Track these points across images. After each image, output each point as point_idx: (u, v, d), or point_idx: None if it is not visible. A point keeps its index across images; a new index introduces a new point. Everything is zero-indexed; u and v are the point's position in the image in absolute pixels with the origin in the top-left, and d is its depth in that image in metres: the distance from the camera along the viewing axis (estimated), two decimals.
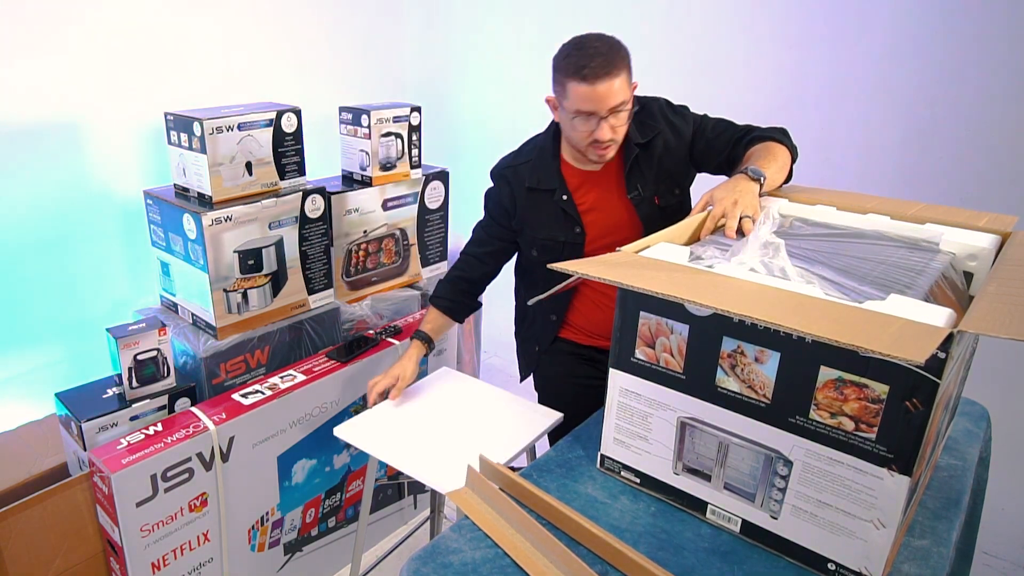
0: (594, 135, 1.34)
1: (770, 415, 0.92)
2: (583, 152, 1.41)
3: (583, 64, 1.29)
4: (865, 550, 0.89)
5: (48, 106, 1.77)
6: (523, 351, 1.74)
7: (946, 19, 1.84)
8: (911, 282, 0.99)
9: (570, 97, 1.33)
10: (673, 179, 1.49)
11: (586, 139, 1.37)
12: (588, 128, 1.35)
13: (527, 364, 1.72)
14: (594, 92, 1.29)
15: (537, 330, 1.66)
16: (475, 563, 0.95)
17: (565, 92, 1.34)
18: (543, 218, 1.50)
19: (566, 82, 1.33)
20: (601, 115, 1.32)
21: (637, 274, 0.94)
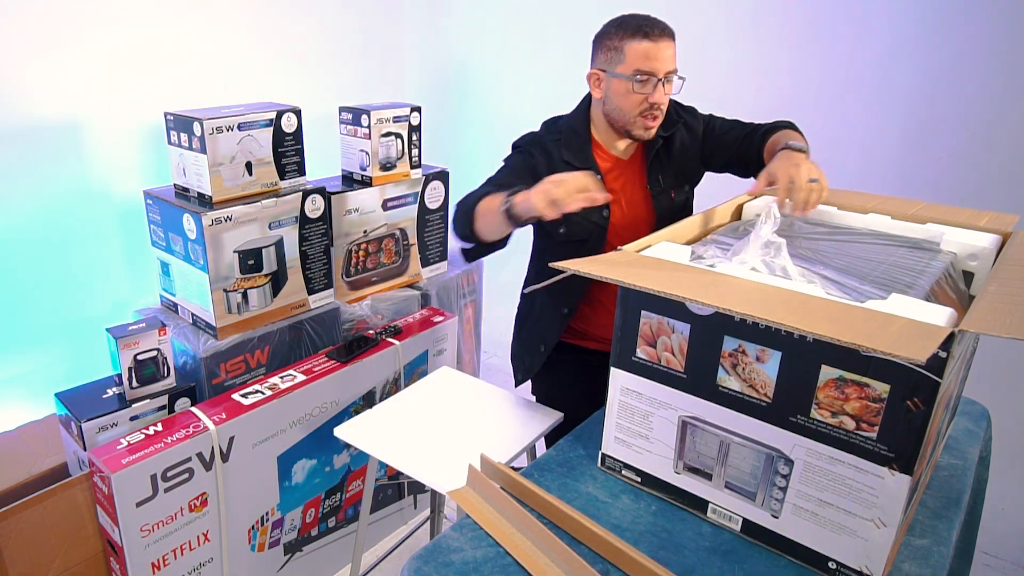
0: (650, 99, 1.36)
1: (771, 414, 0.92)
2: (630, 125, 1.41)
3: (643, 24, 1.34)
4: (866, 549, 0.89)
5: (48, 106, 1.77)
6: (525, 350, 1.67)
7: (946, 19, 1.84)
8: (912, 282, 0.99)
9: (628, 58, 1.35)
10: (686, 176, 1.54)
11: (639, 105, 1.37)
12: (645, 92, 1.36)
13: (529, 365, 1.65)
14: (657, 48, 1.33)
15: (544, 326, 1.60)
16: (476, 562, 0.95)
17: (622, 55, 1.35)
18: None
19: (624, 44, 1.35)
20: (658, 76, 1.35)
21: (638, 273, 0.94)
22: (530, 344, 1.64)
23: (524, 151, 1.49)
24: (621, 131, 1.45)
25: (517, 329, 1.71)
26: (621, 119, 1.42)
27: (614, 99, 1.41)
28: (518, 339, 1.70)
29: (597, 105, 1.47)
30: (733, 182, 1.64)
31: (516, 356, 1.70)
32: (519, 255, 1.81)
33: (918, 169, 1.96)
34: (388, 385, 1.91)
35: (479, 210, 1.30)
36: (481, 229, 1.31)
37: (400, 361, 1.92)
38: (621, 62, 1.36)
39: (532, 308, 1.65)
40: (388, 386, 1.91)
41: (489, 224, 1.29)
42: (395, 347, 1.89)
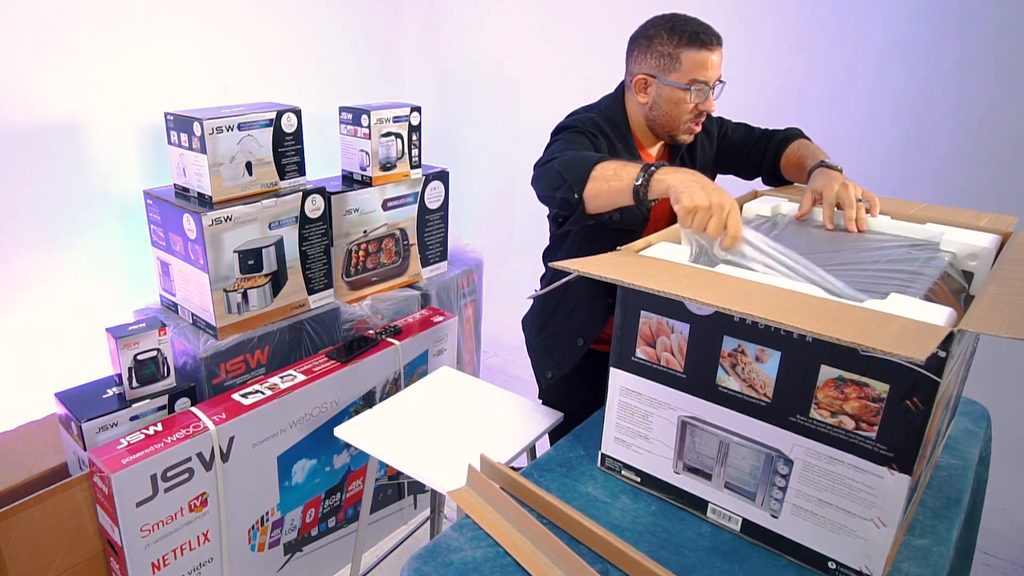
0: (701, 106, 1.35)
1: (771, 414, 0.92)
2: (676, 130, 1.39)
3: (699, 31, 1.31)
4: (865, 549, 0.89)
5: (48, 106, 1.77)
6: (558, 346, 1.54)
7: (946, 19, 1.84)
8: (911, 281, 0.99)
9: (685, 66, 1.32)
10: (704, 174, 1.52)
11: (690, 113, 1.36)
12: (700, 99, 1.34)
13: (561, 360, 1.53)
14: (714, 59, 1.31)
15: (583, 318, 1.49)
16: (476, 562, 0.95)
17: (677, 63, 1.32)
18: None
19: (679, 51, 1.31)
20: (711, 85, 1.33)
21: (638, 273, 0.94)
22: (564, 338, 1.52)
23: (585, 132, 1.37)
24: (665, 136, 1.43)
25: (541, 325, 1.60)
26: (670, 125, 1.39)
27: (664, 106, 1.37)
28: (545, 335, 1.58)
29: (639, 108, 1.42)
30: (733, 183, 1.65)
31: (545, 353, 1.57)
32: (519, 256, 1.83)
33: (918, 169, 1.96)
34: (388, 385, 1.91)
35: (597, 173, 1.16)
36: (595, 195, 1.17)
37: (400, 361, 1.92)
38: (676, 70, 1.32)
39: (563, 301, 1.53)
40: (388, 386, 1.91)
41: (608, 191, 1.15)
42: (395, 347, 1.89)
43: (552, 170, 1.21)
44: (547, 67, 2.62)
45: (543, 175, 1.25)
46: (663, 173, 1.09)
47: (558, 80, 2.54)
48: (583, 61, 2.45)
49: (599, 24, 2.37)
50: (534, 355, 1.63)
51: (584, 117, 1.42)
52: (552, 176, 1.21)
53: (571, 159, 1.20)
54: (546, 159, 1.28)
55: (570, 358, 1.52)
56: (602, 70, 1.63)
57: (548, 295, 1.58)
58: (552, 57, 2.58)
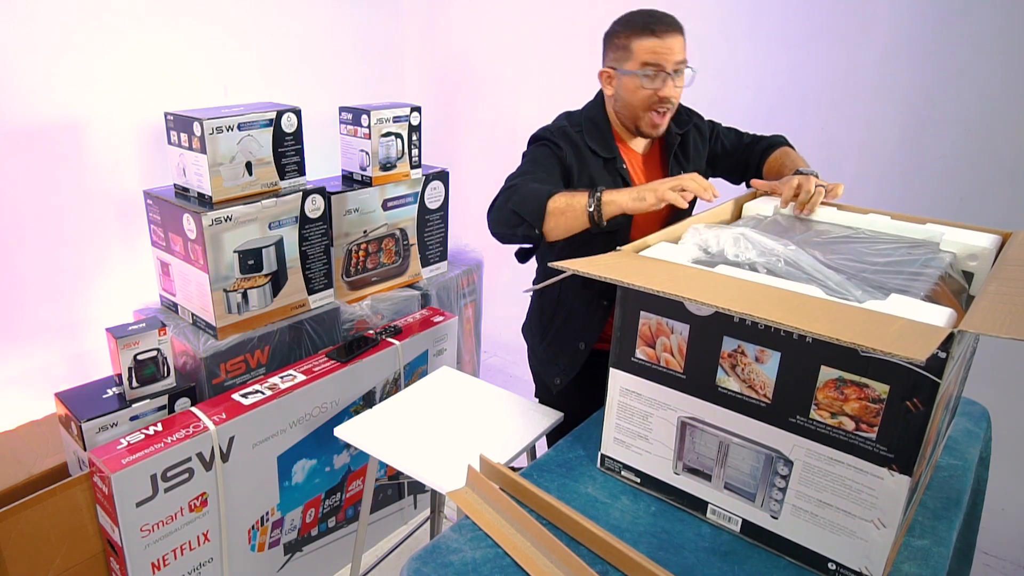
0: (659, 93, 1.37)
1: (770, 415, 0.92)
2: (639, 121, 1.42)
3: (649, 20, 1.36)
4: (865, 550, 0.89)
5: (48, 106, 1.77)
6: (561, 353, 1.55)
7: (946, 19, 1.84)
8: (911, 282, 0.99)
9: (636, 54, 1.36)
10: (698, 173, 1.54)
11: (649, 100, 1.38)
12: (654, 86, 1.37)
13: (567, 367, 1.53)
14: (663, 44, 1.34)
15: (581, 323, 1.51)
16: (475, 563, 0.95)
17: (630, 51, 1.37)
18: (604, 184, 1.43)
19: (631, 41, 1.36)
20: (667, 70, 1.35)
21: (637, 273, 0.94)
22: (566, 345, 1.54)
23: (549, 142, 1.44)
24: (631, 127, 1.45)
25: (541, 334, 1.61)
26: (630, 114, 1.42)
27: (624, 95, 1.41)
28: (546, 343, 1.59)
29: (610, 102, 1.48)
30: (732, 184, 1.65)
31: (550, 361, 1.58)
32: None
33: (918, 169, 1.96)
34: (388, 385, 1.91)
35: (552, 208, 1.23)
36: (553, 228, 1.25)
37: (400, 361, 1.92)
38: (629, 59, 1.37)
39: (559, 309, 1.56)
40: (388, 386, 1.91)
41: (565, 222, 1.23)
42: (395, 347, 1.89)
43: (508, 211, 1.28)
44: (547, 67, 2.62)
45: (499, 219, 1.32)
46: (609, 195, 1.19)
47: (558, 80, 2.53)
48: (583, 61, 2.45)
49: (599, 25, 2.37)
50: (538, 364, 1.64)
51: (555, 126, 1.48)
52: (508, 216, 1.29)
53: (522, 198, 1.27)
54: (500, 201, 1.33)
55: (575, 363, 1.53)
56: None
57: (544, 303, 1.62)
58: (552, 57, 2.58)
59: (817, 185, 1.30)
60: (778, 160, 1.51)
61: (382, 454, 1.35)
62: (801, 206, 1.30)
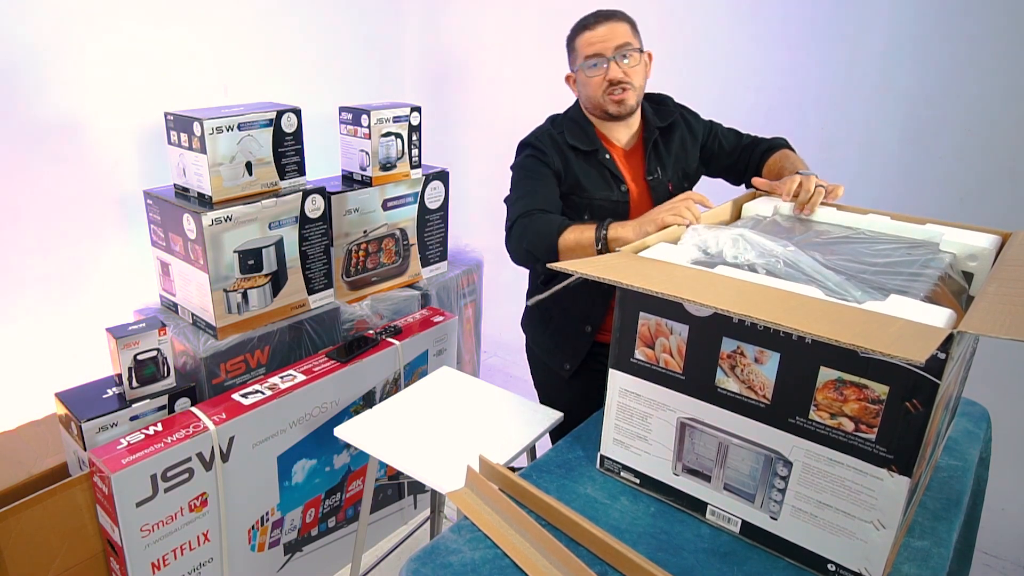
0: (607, 76, 1.43)
1: (770, 416, 0.92)
2: (604, 107, 1.47)
3: (586, 17, 1.47)
4: (865, 551, 0.89)
5: (48, 106, 1.77)
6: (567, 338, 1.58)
7: (946, 19, 1.84)
8: (911, 282, 0.99)
9: (579, 51, 1.46)
10: (685, 172, 1.58)
11: (600, 87, 1.45)
12: (599, 73, 1.44)
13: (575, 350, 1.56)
14: (595, 34, 1.43)
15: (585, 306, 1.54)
16: (475, 563, 0.95)
17: (575, 51, 1.48)
18: (591, 179, 1.50)
19: (574, 41, 1.48)
20: (607, 55, 1.42)
21: (637, 274, 0.94)
22: (571, 329, 1.56)
23: (534, 148, 1.51)
24: (601, 116, 1.51)
25: (543, 324, 1.64)
26: (593, 104, 1.49)
27: (583, 90, 1.50)
28: (550, 332, 1.62)
29: (581, 102, 1.55)
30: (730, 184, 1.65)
31: (557, 348, 1.61)
32: None
33: (918, 169, 1.96)
34: (388, 385, 1.91)
35: (563, 247, 1.32)
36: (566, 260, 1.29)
37: (400, 361, 1.92)
38: (577, 57, 1.48)
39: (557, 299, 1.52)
40: (388, 386, 1.91)
41: (576, 256, 1.29)
42: (395, 347, 1.89)
43: (523, 250, 1.40)
44: (547, 67, 2.61)
45: (517, 257, 1.44)
46: (614, 231, 1.24)
47: (558, 80, 2.53)
48: None
49: None
50: (544, 352, 1.66)
51: (540, 131, 1.55)
52: (525, 255, 1.41)
53: (534, 237, 1.36)
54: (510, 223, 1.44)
55: (581, 347, 1.57)
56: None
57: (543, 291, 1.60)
58: (552, 57, 2.58)
59: (817, 185, 1.31)
60: (777, 162, 1.52)
61: (382, 454, 1.35)
62: (801, 206, 1.31)
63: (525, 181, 1.49)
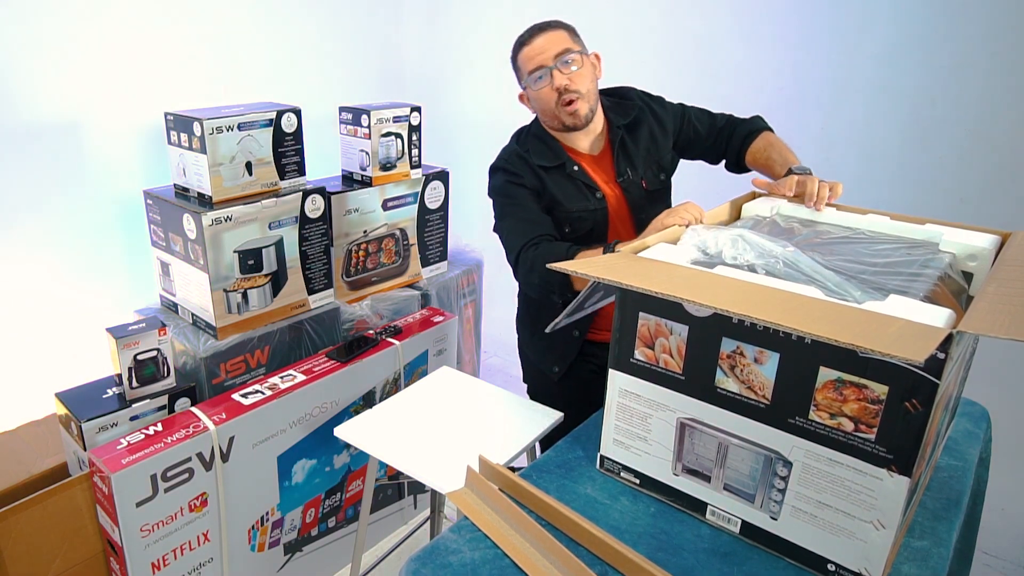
0: (553, 86, 1.42)
1: (769, 416, 0.92)
2: (560, 119, 1.46)
3: (522, 35, 1.47)
4: (865, 551, 0.89)
5: (48, 106, 1.77)
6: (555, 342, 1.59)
7: (946, 19, 1.84)
8: (911, 282, 0.99)
9: (522, 68, 1.47)
10: (659, 164, 1.56)
11: (551, 98, 1.45)
12: (545, 85, 1.43)
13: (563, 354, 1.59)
14: (533, 48, 1.44)
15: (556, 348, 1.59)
16: (474, 564, 0.95)
17: (519, 68, 1.48)
18: (566, 193, 1.49)
19: (516, 60, 1.48)
20: (549, 66, 1.42)
21: (636, 274, 0.94)
22: (559, 335, 1.56)
23: (507, 172, 1.51)
24: (558, 128, 1.50)
25: (532, 327, 1.65)
26: (549, 116, 1.48)
27: (536, 105, 1.50)
28: (539, 335, 1.62)
29: (539, 119, 1.55)
30: (729, 184, 1.64)
31: (547, 351, 1.62)
32: None
33: (918, 169, 1.96)
34: (388, 385, 1.91)
35: (575, 277, 1.33)
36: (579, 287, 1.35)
37: (400, 361, 1.92)
38: (522, 75, 1.48)
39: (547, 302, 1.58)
40: (388, 386, 1.91)
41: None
42: (395, 347, 1.89)
43: (536, 286, 1.42)
44: None
45: (530, 285, 1.45)
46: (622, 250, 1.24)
47: None
48: None
49: (599, 25, 2.37)
50: (534, 354, 1.67)
51: (508, 152, 1.55)
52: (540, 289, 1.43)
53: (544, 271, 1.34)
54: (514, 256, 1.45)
55: (571, 350, 1.58)
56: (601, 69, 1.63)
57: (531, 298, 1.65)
58: None
59: (820, 182, 1.31)
60: (763, 151, 1.50)
61: (382, 454, 1.35)
62: (811, 198, 1.31)
63: (511, 208, 1.49)
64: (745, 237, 1.08)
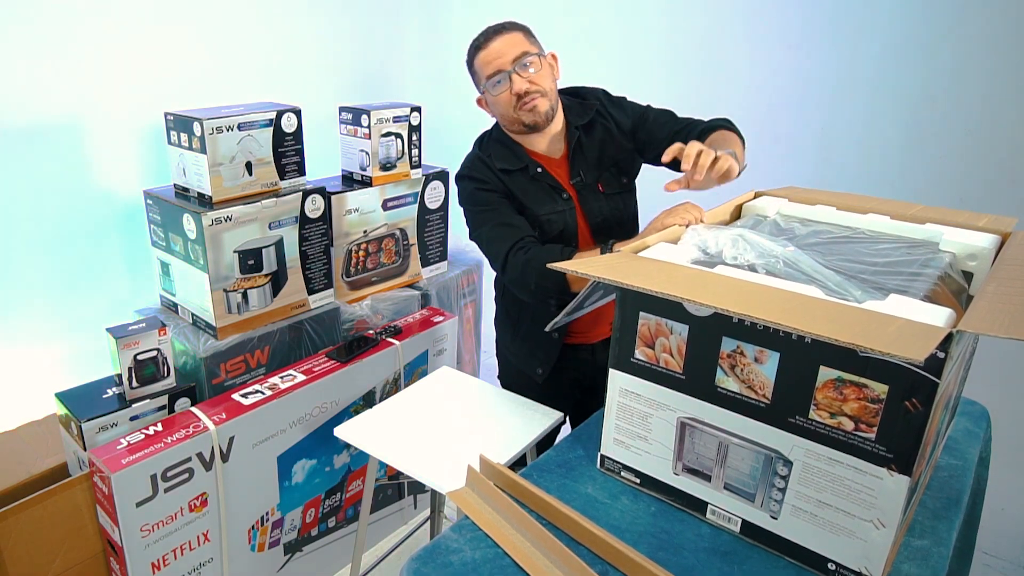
0: (512, 91, 1.40)
1: (770, 415, 0.92)
2: (520, 121, 1.44)
3: (477, 38, 1.45)
4: (865, 550, 0.89)
5: (48, 106, 1.77)
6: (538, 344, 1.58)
7: (946, 19, 1.84)
8: (911, 282, 0.99)
9: (479, 73, 1.45)
10: (618, 166, 1.53)
11: (509, 103, 1.42)
12: (504, 89, 1.42)
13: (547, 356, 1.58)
14: (489, 52, 1.41)
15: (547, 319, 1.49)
16: (475, 563, 0.95)
17: (476, 73, 1.46)
18: (532, 196, 1.48)
19: (473, 64, 1.46)
20: (507, 70, 1.40)
21: (637, 274, 0.94)
22: (540, 338, 1.55)
23: (473, 179, 1.50)
24: (520, 130, 1.48)
25: (512, 330, 1.65)
26: (508, 120, 1.47)
27: (495, 109, 1.48)
28: (520, 339, 1.63)
29: (499, 123, 1.54)
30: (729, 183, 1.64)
31: (529, 354, 1.62)
32: None
33: (918, 169, 1.96)
34: (388, 385, 1.91)
35: (571, 278, 1.32)
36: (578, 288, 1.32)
37: (400, 361, 1.92)
38: (479, 79, 1.46)
39: (525, 307, 1.57)
40: (388, 386, 1.91)
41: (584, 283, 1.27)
42: (395, 347, 1.89)
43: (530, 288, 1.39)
44: None
45: (524, 290, 1.42)
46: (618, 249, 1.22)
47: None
48: (582, 60, 2.45)
49: (599, 25, 2.37)
50: (516, 357, 1.67)
51: (471, 159, 1.54)
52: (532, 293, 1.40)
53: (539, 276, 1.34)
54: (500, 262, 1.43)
55: (552, 352, 1.58)
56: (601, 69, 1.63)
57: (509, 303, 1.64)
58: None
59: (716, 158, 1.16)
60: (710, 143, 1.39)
61: (382, 454, 1.35)
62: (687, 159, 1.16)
63: (486, 215, 1.47)
64: (745, 237, 1.08)
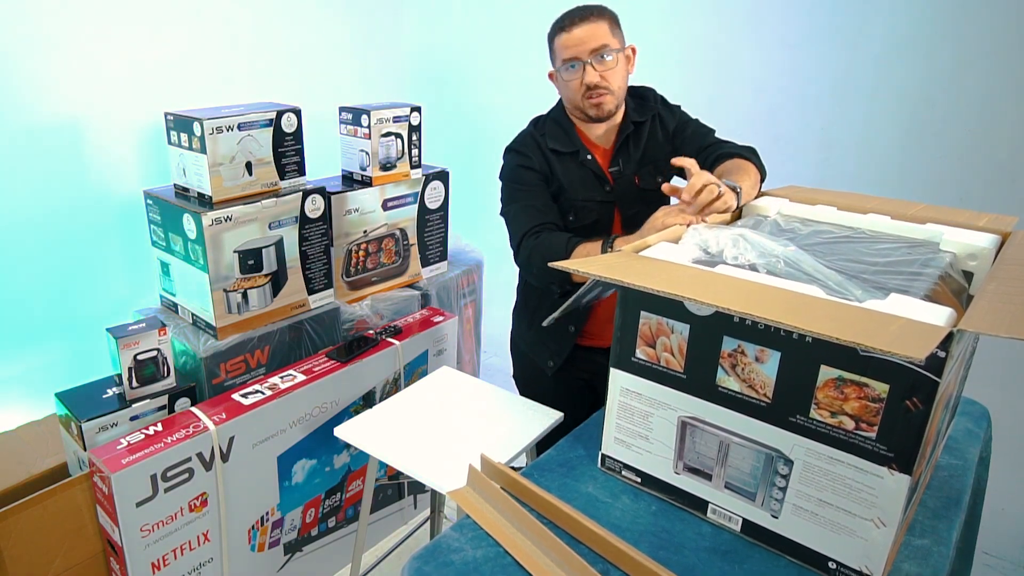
0: (584, 81, 1.41)
1: (771, 414, 0.92)
2: (583, 110, 1.46)
3: (563, 17, 1.44)
4: (866, 549, 0.89)
5: (48, 106, 1.77)
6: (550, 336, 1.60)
7: (946, 19, 1.84)
8: (911, 281, 0.99)
9: (557, 53, 1.45)
10: (656, 166, 1.55)
11: (578, 91, 1.44)
12: (576, 77, 1.42)
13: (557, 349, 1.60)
14: (571, 37, 1.40)
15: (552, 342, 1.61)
16: (476, 562, 0.95)
17: (554, 52, 1.46)
18: (575, 181, 1.51)
19: (553, 42, 1.46)
20: (584, 60, 1.40)
21: (638, 273, 0.94)
22: (555, 328, 1.54)
23: (518, 153, 1.53)
24: (581, 117, 1.50)
25: (529, 319, 1.66)
26: (573, 105, 1.49)
27: (563, 91, 1.50)
28: (535, 328, 1.62)
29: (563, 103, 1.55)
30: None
31: (541, 344, 1.64)
32: None
33: (917, 169, 1.96)
34: (388, 385, 1.91)
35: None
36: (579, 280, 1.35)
37: (400, 361, 1.92)
38: (555, 58, 1.47)
39: (545, 296, 1.57)
40: (388, 386, 1.91)
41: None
42: (395, 347, 1.89)
43: (534, 273, 1.44)
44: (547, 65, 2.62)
45: (530, 274, 1.48)
46: (619, 245, 1.27)
47: None
48: None
49: None
50: (528, 346, 1.69)
51: (523, 135, 1.57)
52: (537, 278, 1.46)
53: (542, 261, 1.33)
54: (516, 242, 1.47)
55: (565, 345, 1.59)
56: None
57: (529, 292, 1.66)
58: None
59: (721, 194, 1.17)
60: (725, 170, 1.40)
61: (382, 454, 1.35)
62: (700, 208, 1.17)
63: (518, 193, 1.51)
64: (746, 236, 1.08)
